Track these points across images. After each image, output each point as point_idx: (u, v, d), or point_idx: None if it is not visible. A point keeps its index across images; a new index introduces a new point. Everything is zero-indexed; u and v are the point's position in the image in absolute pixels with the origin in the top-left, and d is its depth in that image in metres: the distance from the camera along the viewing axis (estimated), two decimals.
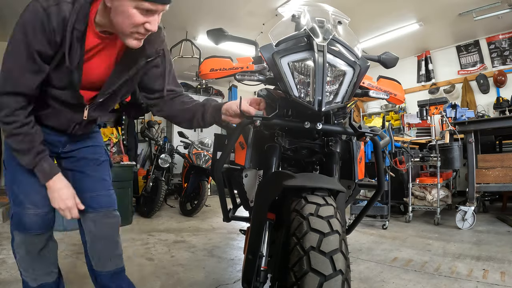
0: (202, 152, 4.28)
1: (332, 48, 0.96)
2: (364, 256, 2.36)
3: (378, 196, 1.13)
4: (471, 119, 3.72)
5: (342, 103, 0.95)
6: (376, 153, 1.07)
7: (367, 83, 1.17)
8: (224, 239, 2.93)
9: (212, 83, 7.41)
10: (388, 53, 1.18)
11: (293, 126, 1.03)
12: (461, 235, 2.91)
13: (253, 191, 1.18)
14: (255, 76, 1.04)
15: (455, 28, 5.06)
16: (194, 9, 4.48)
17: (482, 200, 4.09)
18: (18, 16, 0.92)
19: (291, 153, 1.14)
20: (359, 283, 1.84)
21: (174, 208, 4.67)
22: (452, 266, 2.07)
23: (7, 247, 2.35)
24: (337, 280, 0.68)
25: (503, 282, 1.77)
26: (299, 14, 1.11)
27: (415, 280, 1.86)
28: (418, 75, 6.12)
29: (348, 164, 1.20)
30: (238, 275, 1.96)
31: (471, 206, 3.13)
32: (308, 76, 0.93)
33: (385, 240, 2.85)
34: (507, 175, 3.14)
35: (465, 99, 5.45)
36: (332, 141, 1.08)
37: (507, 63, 5.16)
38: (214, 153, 1.66)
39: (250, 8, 4.42)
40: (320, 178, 0.92)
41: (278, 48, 0.96)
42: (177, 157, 5.01)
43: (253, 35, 4.79)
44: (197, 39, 5.26)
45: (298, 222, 0.76)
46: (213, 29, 1.17)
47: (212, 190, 6.22)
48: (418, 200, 3.76)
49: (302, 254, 0.71)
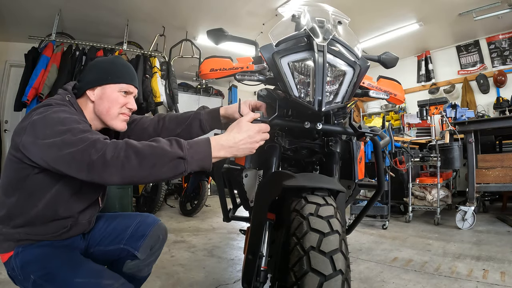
0: None
1: (332, 48, 0.95)
2: (364, 256, 2.36)
3: (378, 196, 1.13)
4: (471, 119, 3.72)
5: (342, 103, 0.95)
6: (376, 153, 1.07)
7: (367, 83, 1.16)
8: (224, 239, 2.93)
9: (212, 83, 7.41)
10: (388, 53, 1.18)
11: (293, 126, 1.02)
12: (461, 235, 2.91)
13: (253, 191, 1.18)
14: (255, 76, 1.04)
15: (455, 28, 5.06)
16: (194, 9, 4.48)
17: (482, 200, 4.09)
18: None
19: (291, 153, 1.14)
20: (359, 283, 1.84)
21: (174, 208, 4.67)
22: (452, 266, 2.07)
23: None
24: (337, 280, 0.68)
25: (503, 282, 1.77)
26: (299, 14, 1.10)
27: (415, 280, 1.86)
28: (418, 75, 6.12)
29: (348, 164, 1.20)
30: (238, 275, 1.96)
31: (471, 206, 3.13)
32: (308, 76, 0.93)
33: (385, 240, 2.85)
34: (507, 175, 3.14)
35: (465, 99, 5.45)
36: (332, 141, 1.08)
37: (507, 63, 5.16)
38: None
39: (250, 8, 4.42)
40: (320, 178, 0.91)
41: (278, 48, 0.96)
42: None
43: (253, 35, 4.80)
44: (197, 39, 5.26)
45: (298, 222, 0.76)
46: (213, 29, 1.16)
47: (212, 190, 6.22)
48: (418, 200, 3.76)
49: (302, 254, 0.71)
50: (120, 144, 0.81)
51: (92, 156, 0.79)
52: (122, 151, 0.79)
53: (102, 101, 1.05)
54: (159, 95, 4.29)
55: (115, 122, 1.08)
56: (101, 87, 1.06)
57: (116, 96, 1.06)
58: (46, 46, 3.92)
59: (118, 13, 4.42)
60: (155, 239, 1.21)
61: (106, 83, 1.06)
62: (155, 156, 0.80)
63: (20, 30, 4.60)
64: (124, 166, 0.78)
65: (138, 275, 1.21)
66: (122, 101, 1.07)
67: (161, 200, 4.06)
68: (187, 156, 0.82)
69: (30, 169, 0.93)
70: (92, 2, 4.15)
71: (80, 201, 1.04)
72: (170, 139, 0.85)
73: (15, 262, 0.96)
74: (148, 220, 1.22)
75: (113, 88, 1.06)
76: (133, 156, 0.79)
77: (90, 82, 1.06)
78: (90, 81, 1.06)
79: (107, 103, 1.05)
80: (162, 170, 0.80)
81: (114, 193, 3.18)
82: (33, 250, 0.97)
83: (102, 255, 1.15)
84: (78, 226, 1.07)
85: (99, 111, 1.06)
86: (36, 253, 0.97)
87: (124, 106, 1.08)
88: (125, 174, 0.79)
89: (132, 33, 4.74)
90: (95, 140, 0.82)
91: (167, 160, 0.80)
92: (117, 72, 1.08)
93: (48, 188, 0.96)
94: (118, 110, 1.07)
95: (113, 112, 1.06)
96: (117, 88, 1.06)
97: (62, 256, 0.99)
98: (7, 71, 5.30)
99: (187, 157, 0.82)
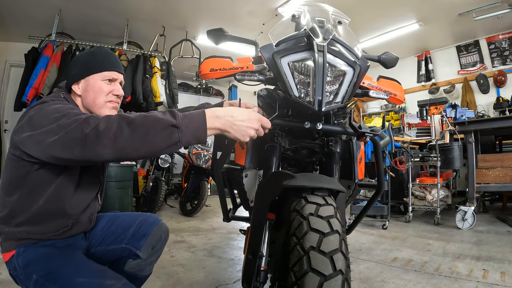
0: (202, 152, 4.28)
1: (332, 48, 0.96)
2: (364, 256, 2.36)
3: (378, 196, 1.13)
4: (471, 119, 3.72)
5: (342, 103, 0.95)
6: (376, 153, 1.07)
7: (367, 83, 1.16)
8: (224, 239, 2.93)
9: (212, 83, 7.42)
10: (388, 53, 1.18)
11: (293, 126, 1.03)
12: (461, 235, 2.91)
13: (253, 191, 1.18)
14: (255, 76, 1.04)
15: (455, 28, 5.06)
16: (194, 9, 4.48)
17: (482, 200, 4.09)
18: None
19: (291, 153, 1.14)
20: (359, 283, 1.84)
21: (174, 208, 4.67)
22: (452, 266, 2.07)
23: None
24: (337, 280, 0.68)
25: (503, 282, 1.77)
26: (299, 14, 1.10)
27: (415, 280, 1.85)
28: (418, 75, 6.12)
29: (348, 164, 1.20)
30: (238, 275, 1.96)
31: (471, 206, 3.13)
32: (308, 76, 0.93)
33: (385, 240, 2.85)
34: (507, 175, 3.14)
35: (465, 99, 5.45)
36: (332, 141, 1.08)
37: (507, 63, 5.16)
38: (214, 153, 1.66)
39: (250, 8, 4.42)
40: (320, 178, 0.91)
41: (278, 48, 0.96)
42: (177, 157, 5.01)
43: (253, 35, 4.80)
44: (197, 39, 5.26)
45: (298, 222, 0.76)
46: (213, 29, 1.16)
47: (212, 190, 6.22)
48: (418, 200, 3.76)
49: (302, 254, 0.71)
50: (113, 117, 0.80)
51: (85, 129, 0.77)
52: (115, 122, 0.78)
53: (88, 93, 1.06)
54: (159, 95, 4.29)
55: (104, 110, 1.07)
56: (84, 80, 1.06)
57: (99, 85, 1.06)
58: (46, 46, 3.92)
59: (118, 13, 4.42)
60: (157, 239, 1.21)
61: (88, 74, 1.06)
62: (148, 125, 0.78)
63: (20, 30, 4.60)
64: (117, 138, 0.76)
65: (139, 274, 1.22)
66: (107, 89, 1.07)
67: (161, 200, 4.06)
68: (181, 125, 0.78)
69: (29, 166, 0.93)
70: (92, 2, 4.15)
71: (80, 195, 1.04)
72: (164, 111, 0.85)
73: (17, 262, 0.96)
74: (150, 220, 1.22)
75: (95, 78, 1.06)
76: (125, 126, 0.77)
77: (74, 76, 1.07)
78: (73, 75, 1.08)
79: (92, 94, 1.06)
80: (155, 140, 0.77)
81: (114, 193, 3.17)
82: (36, 250, 0.97)
83: (103, 255, 1.15)
84: (79, 224, 1.06)
85: (87, 103, 1.07)
86: (38, 253, 0.96)
87: (109, 93, 1.08)
88: (117, 146, 0.76)
89: (132, 33, 4.74)
90: (89, 117, 0.81)
91: (160, 128, 0.77)
92: (97, 62, 1.08)
93: (48, 183, 0.96)
94: (104, 98, 1.07)
95: (99, 101, 1.06)
96: (99, 77, 1.07)
97: (65, 255, 0.98)
98: (7, 71, 5.31)
99: (181, 125, 0.78)
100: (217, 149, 1.62)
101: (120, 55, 4.30)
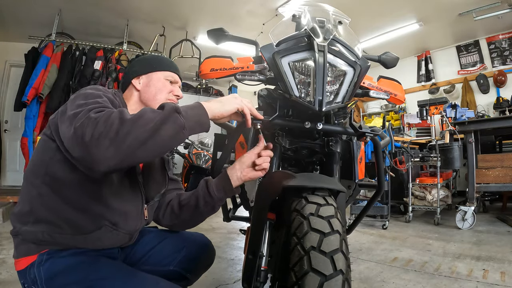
0: (202, 152, 4.29)
1: (333, 48, 0.95)
2: (364, 256, 2.36)
3: (378, 196, 1.13)
4: (471, 119, 3.72)
5: (342, 103, 0.95)
6: (376, 153, 1.07)
7: (368, 83, 1.16)
8: (224, 239, 2.93)
9: (212, 83, 7.42)
10: (388, 53, 1.18)
11: (293, 126, 1.02)
12: (461, 235, 2.91)
13: (253, 191, 1.18)
14: (255, 76, 1.04)
15: (455, 28, 5.06)
16: (194, 9, 4.48)
17: (482, 200, 4.09)
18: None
19: (291, 153, 1.14)
20: (359, 283, 1.84)
21: None
22: (452, 266, 2.07)
23: (7, 247, 2.35)
24: (338, 280, 0.68)
25: (503, 282, 1.77)
26: (299, 14, 1.10)
27: (415, 280, 1.85)
28: (418, 75, 6.12)
29: (348, 164, 1.20)
30: (238, 275, 1.96)
31: (471, 206, 3.13)
32: (308, 76, 0.93)
33: (385, 240, 2.85)
34: (507, 175, 3.14)
35: (465, 99, 5.45)
36: (332, 141, 1.08)
37: (507, 63, 5.16)
38: (214, 153, 1.66)
39: (250, 8, 4.42)
40: (320, 178, 0.91)
41: (278, 48, 0.96)
42: (177, 157, 5.01)
43: (253, 35, 4.79)
44: (197, 39, 5.27)
45: (298, 222, 0.76)
46: (214, 29, 1.16)
47: None
48: (418, 200, 3.76)
49: (302, 254, 0.71)
50: (114, 113, 0.71)
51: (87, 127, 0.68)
52: (116, 118, 0.69)
53: (149, 88, 1.06)
54: None
55: None
56: (146, 75, 1.07)
57: (163, 82, 1.07)
58: (46, 46, 3.92)
59: (118, 13, 4.43)
60: (207, 263, 1.21)
61: (152, 71, 1.07)
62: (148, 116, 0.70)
63: (20, 30, 4.60)
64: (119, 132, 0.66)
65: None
66: (169, 87, 1.09)
67: None
68: (181, 111, 0.73)
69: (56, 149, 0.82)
70: (92, 2, 4.15)
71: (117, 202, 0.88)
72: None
73: (38, 272, 0.79)
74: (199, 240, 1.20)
75: (159, 75, 1.07)
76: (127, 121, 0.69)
77: (136, 71, 1.07)
78: (135, 70, 1.08)
79: (154, 89, 1.05)
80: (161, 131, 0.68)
81: None
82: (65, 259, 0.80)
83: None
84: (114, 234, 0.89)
85: (146, 97, 1.05)
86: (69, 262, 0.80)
87: (170, 92, 1.08)
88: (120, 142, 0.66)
89: (132, 33, 4.74)
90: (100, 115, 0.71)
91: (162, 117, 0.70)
92: (163, 62, 1.11)
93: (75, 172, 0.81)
94: (165, 95, 1.07)
95: (160, 97, 1.06)
96: (163, 76, 1.08)
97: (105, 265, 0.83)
98: (7, 71, 5.31)
99: (180, 111, 0.73)
100: (217, 149, 1.62)
101: (120, 55, 4.30)
